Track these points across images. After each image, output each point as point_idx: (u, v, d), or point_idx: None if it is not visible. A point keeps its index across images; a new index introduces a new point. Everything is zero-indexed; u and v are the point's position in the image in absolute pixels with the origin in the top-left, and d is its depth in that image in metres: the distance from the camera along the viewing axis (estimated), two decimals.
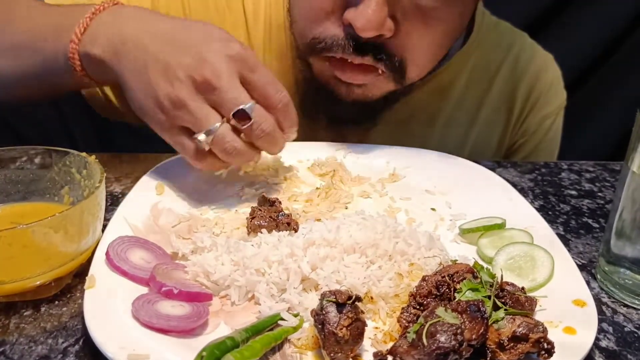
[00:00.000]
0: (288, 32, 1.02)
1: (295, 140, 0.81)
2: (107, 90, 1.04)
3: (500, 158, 1.20)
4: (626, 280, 0.68)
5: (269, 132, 0.74)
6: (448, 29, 0.89)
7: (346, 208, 0.82)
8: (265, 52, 1.05)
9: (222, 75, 0.71)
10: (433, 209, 0.83)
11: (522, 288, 0.61)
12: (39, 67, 0.86)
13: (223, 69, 0.71)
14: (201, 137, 0.72)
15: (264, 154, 0.80)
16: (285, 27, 1.02)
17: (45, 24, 0.86)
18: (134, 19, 0.79)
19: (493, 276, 0.61)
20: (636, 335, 0.63)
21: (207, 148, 0.73)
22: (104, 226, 0.69)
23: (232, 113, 0.71)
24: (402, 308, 0.60)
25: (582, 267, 0.74)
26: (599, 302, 0.68)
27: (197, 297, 0.61)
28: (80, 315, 0.62)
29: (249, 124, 0.72)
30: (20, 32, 0.88)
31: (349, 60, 0.87)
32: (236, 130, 0.74)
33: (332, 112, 1.01)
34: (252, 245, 0.67)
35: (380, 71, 0.88)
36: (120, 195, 0.85)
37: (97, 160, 0.70)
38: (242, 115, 0.72)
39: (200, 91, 0.72)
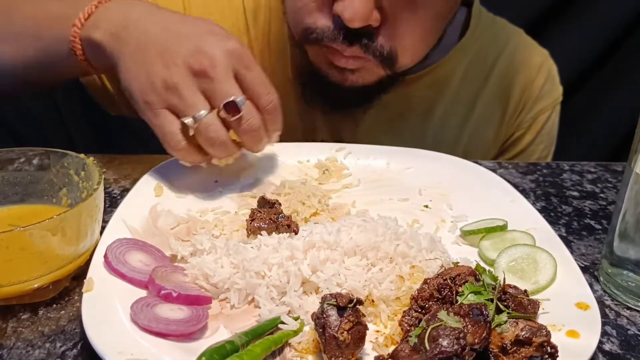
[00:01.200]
0: (285, 30, 1.04)
1: (294, 131, 0.83)
2: (107, 81, 1.05)
3: (496, 152, 1.21)
4: (629, 283, 0.67)
5: (255, 128, 0.76)
6: (436, 14, 0.90)
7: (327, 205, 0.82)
8: (264, 43, 1.06)
9: (219, 66, 0.73)
10: (426, 206, 0.83)
11: (525, 291, 0.61)
12: (41, 53, 0.88)
13: (220, 60, 0.73)
14: (188, 120, 0.74)
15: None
16: (284, 26, 1.03)
17: (49, 11, 0.88)
18: (139, 7, 0.81)
19: (495, 279, 0.60)
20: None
21: (191, 133, 0.74)
22: (102, 228, 0.69)
23: (223, 103, 0.73)
24: (404, 311, 0.59)
25: (584, 269, 0.73)
26: (602, 305, 0.67)
27: (197, 300, 0.61)
28: (78, 318, 0.61)
29: (237, 117, 0.74)
30: (24, 19, 0.89)
31: (339, 50, 0.89)
32: (222, 124, 0.75)
33: (329, 98, 1.02)
34: (252, 247, 0.66)
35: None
36: (118, 197, 0.85)
37: (95, 161, 0.69)
38: (232, 108, 0.73)
39: (194, 78, 0.74)
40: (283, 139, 0.83)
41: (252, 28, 1.05)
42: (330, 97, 1.02)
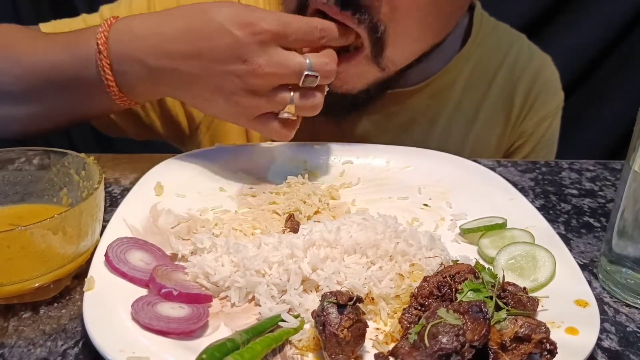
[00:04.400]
0: None
1: (295, 136, 0.83)
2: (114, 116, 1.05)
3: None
4: (628, 280, 0.67)
5: (334, 70, 0.79)
6: (436, 5, 0.86)
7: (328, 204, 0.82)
8: None
9: (270, 62, 0.75)
10: (425, 205, 0.83)
11: (524, 288, 0.61)
12: (69, 105, 0.88)
13: (267, 56, 0.75)
14: (286, 115, 0.79)
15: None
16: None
17: (57, 67, 0.84)
18: (144, 49, 0.79)
19: (495, 276, 0.60)
20: (638, 335, 0.63)
21: (295, 118, 0.80)
22: (103, 227, 0.69)
23: (300, 83, 0.76)
24: (404, 309, 0.59)
25: (583, 267, 0.74)
26: (600, 302, 0.67)
27: (197, 299, 0.61)
28: (79, 317, 0.61)
29: (318, 80, 0.77)
30: (33, 78, 0.85)
31: (331, 17, 0.83)
32: (305, 88, 0.78)
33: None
34: (252, 246, 0.67)
35: (360, 44, 0.85)
36: (119, 196, 0.85)
37: (95, 161, 0.69)
38: (308, 78, 0.76)
39: (260, 86, 0.76)
40: None
41: None
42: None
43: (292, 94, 0.77)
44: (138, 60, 0.78)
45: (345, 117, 1.03)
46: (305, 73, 0.76)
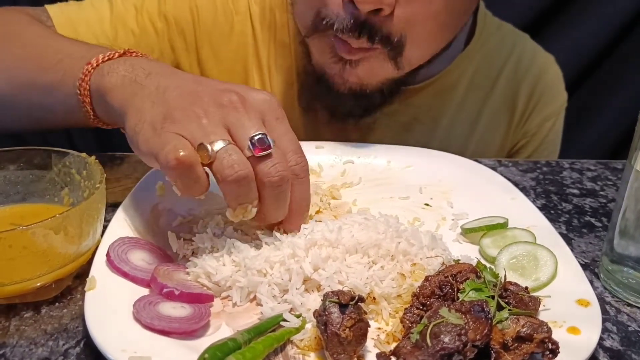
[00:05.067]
0: (290, 29, 1.03)
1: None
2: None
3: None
4: (630, 280, 0.67)
5: (283, 177, 0.62)
6: (452, 9, 0.87)
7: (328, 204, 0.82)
8: (270, 50, 1.05)
9: (248, 103, 0.64)
10: (427, 204, 0.83)
11: (526, 288, 0.61)
12: (42, 91, 0.81)
13: (251, 100, 0.64)
14: (207, 146, 0.60)
15: None
16: (289, 25, 1.03)
17: (61, 49, 0.80)
18: (161, 65, 0.72)
19: (496, 276, 0.60)
20: None
21: (206, 160, 0.60)
22: (105, 227, 0.69)
23: (250, 136, 0.61)
24: (405, 308, 0.59)
25: (585, 266, 0.74)
26: (602, 302, 0.67)
27: (199, 299, 0.61)
28: (81, 317, 0.61)
29: (265, 153, 0.61)
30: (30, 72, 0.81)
31: (347, 41, 0.85)
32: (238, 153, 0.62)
33: (331, 105, 1.00)
34: (254, 246, 0.67)
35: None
36: (120, 196, 0.85)
37: (97, 160, 0.69)
38: (259, 146, 0.61)
39: (220, 109, 0.63)
40: None
41: (260, 32, 1.05)
42: (329, 105, 1.00)
43: (224, 142, 0.60)
44: (124, 71, 0.69)
45: (354, 118, 1.03)
46: (261, 134, 0.62)
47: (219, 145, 0.60)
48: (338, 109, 1.01)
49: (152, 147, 0.61)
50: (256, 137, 0.61)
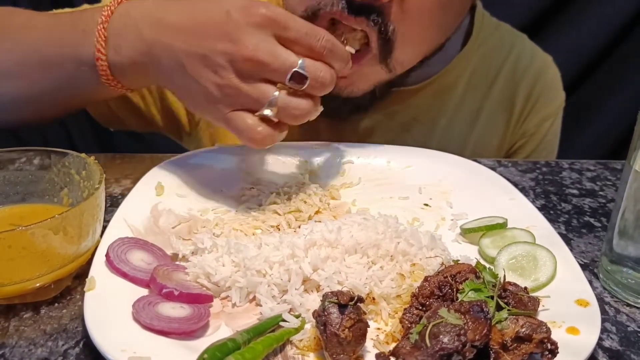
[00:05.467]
0: None
1: (295, 136, 0.81)
2: (112, 104, 1.04)
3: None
4: (629, 280, 0.67)
5: (328, 81, 0.72)
6: (446, 6, 0.86)
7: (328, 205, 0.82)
8: None
9: (260, 47, 0.69)
10: (426, 204, 0.83)
11: (525, 288, 0.61)
12: (56, 84, 0.85)
13: (258, 40, 0.70)
14: (266, 111, 0.71)
15: None
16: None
17: (52, 41, 0.84)
18: (145, 19, 0.77)
19: (495, 276, 0.60)
20: (639, 334, 0.63)
21: (275, 120, 0.72)
22: (104, 227, 0.69)
23: (287, 79, 0.70)
24: (405, 309, 0.59)
25: (584, 267, 0.74)
26: (601, 302, 0.68)
27: (198, 299, 0.61)
28: (80, 317, 0.61)
29: (307, 84, 0.70)
30: (24, 53, 0.85)
31: (343, 23, 0.84)
32: (294, 92, 0.72)
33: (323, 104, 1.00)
34: (253, 246, 0.67)
35: (370, 45, 0.86)
36: (119, 197, 0.85)
37: (96, 161, 0.69)
38: (297, 77, 0.70)
39: (246, 71, 0.70)
40: (284, 139, 0.83)
41: None
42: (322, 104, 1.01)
43: (277, 93, 0.71)
44: (134, 29, 0.76)
45: (347, 118, 1.03)
46: (294, 70, 0.70)
47: (273, 101, 0.71)
48: (328, 107, 1.00)
49: (227, 128, 0.75)
50: (292, 76, 0.70)
